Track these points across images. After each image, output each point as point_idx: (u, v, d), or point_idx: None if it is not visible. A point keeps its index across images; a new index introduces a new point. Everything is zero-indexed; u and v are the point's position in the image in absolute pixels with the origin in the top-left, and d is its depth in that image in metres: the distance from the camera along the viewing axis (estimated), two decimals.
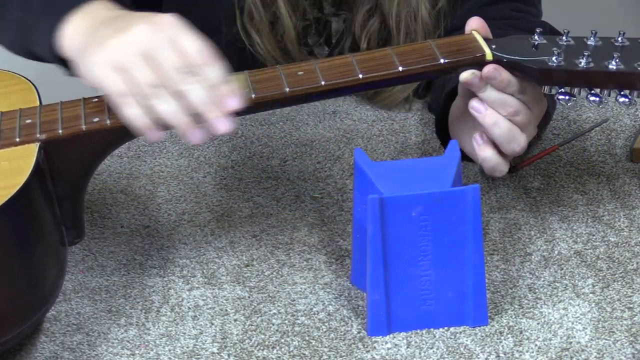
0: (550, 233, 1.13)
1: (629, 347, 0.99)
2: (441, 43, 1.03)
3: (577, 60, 1.01)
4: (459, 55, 1.02)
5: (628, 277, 1.07)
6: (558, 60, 1.01)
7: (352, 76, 1.01)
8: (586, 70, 1.00)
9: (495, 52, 1.02)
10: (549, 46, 1.03)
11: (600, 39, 1.03)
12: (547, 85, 1.03)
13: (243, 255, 1.12)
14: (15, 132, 0.99)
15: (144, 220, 1.17)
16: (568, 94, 1.02)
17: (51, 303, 0.99)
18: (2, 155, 0.98)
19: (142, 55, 0.95)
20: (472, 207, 0.98)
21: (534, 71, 1.01)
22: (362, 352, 1.00)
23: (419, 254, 0.99)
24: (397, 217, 0.98)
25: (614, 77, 1.01)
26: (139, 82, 0.95)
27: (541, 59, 1.01)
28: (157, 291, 1.07)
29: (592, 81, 1.01)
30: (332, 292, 1.07)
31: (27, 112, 1.02)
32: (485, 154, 1.05)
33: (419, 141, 1.28)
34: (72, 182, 1.01)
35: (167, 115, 0.95)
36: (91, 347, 1.01)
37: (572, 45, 1.03)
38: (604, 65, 1.00)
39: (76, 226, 1.02)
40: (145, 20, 0.97)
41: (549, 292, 1.06)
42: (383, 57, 1.02)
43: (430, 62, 1.02)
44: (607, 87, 1.02)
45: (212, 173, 1.24)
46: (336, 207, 1.18)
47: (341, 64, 1.02)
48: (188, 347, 1.01)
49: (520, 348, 0.99)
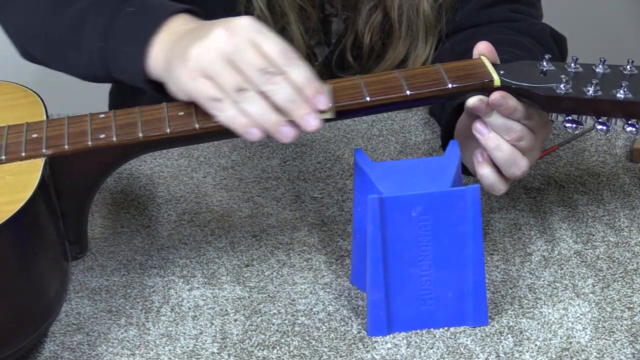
0: (550, 233, 1.13)
1: (629, 347, 0.99)
2: (449, 67, 1.02)
3: (585, 88, 1.00)
4: (467, 80, 1.01)
5: (628, 277, 1.07)
6: (566, 88, 1.00)
7: (360, 99, 1.00)
8: (594, 98, 0.99)
9: (503, 78, 1.01)
10: (557, 73, 1.02)
11: (608, 66, 1.02)
12: (555, 112, 1.02)
13: (243, 255, 1.12)
14: (21, 147, 0.99)
15: (144, 220, 1.17)
16: (575, 122, 1.02)
17: (53, 318, 0.98)
18: (8, 170, 0.97)
19: (224, 59, 0.96)
20: (472, 207, 0.98)
21: (542, 98, 1.00)
22: (362, 352, 1.00)
23: (419, 254, 0.99)
24: (397, 217, 0.98)
25: (621, 106, 1.00)
26: (225, 86, 0.96)
27: (549, 86, 1.00)
28: (157, 291, 1.07)
29: (600, 110, 1.00)
30: (332, 292, 1.07)
31: (33, 126, 1.01)
32: (484, 171, 1.04)
33: (419, 141, 1.28)
34: (77, 197, 1.00)
35: (256, 116, 0.96)
36: (91, 347, 1.01)
37: (580, 72, 1.02)
38: (612, 94, 0.99)
39: (79, 241, 1.02)
40: (222, 25, 0.98)
41: (549, 292, 1.06)
42: (391, 79, 1.02)
43: (438, 86, 1.01)
44: (615, 116, 1.01)
45: (212, 173, 1.24)
46: (336, 207, 1.18)
47: (350, 85, 1.01)
48: (188, 347, 1.01)
49: (520, 348, 0.99)
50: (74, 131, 1.00)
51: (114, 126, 1.00)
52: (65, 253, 1.00)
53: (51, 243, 0.97)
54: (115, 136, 0.99)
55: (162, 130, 0.99)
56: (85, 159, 0.99)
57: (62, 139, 0.99)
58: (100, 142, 0.99)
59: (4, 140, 1.00)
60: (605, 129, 1.01)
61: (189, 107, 1.00)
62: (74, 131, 1.00)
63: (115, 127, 1.00)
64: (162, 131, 0.99)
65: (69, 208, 1.00)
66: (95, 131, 1.00)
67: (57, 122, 1.02)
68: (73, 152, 0.98)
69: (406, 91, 1.00)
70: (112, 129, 0.99)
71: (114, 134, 0.99)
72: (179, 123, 0.99)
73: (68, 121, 1.01)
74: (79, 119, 1.02)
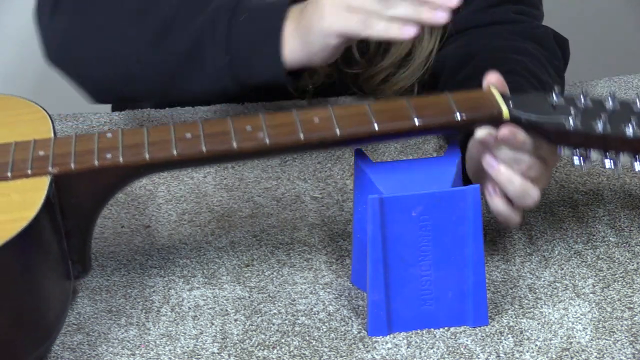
0: (551, 233, 1.13)
1: (629, 347, 0.99)
2: (459, 98, 1.01)
3: (595, 124, 0.99)
4: (476, 111, 1.00)
5: (628, 277, 1.07)
6: (575, 123, 0.99)
7: (368, 126, 0.99)
8: (603, 134, 0.99)
9: (513, 110, 1.00)
10: (567, 107, 1.01)
11: (619, 102, 1.01)
12: (563, 145, 1.01)
13: (243, 255, 1.12)
14: (27, 164, 0.98)
15: (144, 220, 1.17)
16: (583, 156, 1.01)
17: (54, 338, 0.98)
18: (14, 187, 0.97)
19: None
20: (473, 207, 0.98)
21: (551, 132, 1.00)
22: (362, 352, 1.00)
23: (419, 254, 0.99)
24: (397, 217, 0.98)
25: (631, 143, 0.99)
26: (366, 6, 1.06)
27: (558, 120, 1.00)
28: (158, 291, 1.07)
29: (609, 145, 1.00)
30: (333, 292, 1.07)
31: (40, 143, 1.01)
32: (496, 204, 1.04)
33: (419, 141, 1.28)
34: (81, 216, 1.00)
35: (406, 16, 1.05)
36: (91, 347, 1.01)
37: (590, 107, 1.01)
38: (622, 130, 0.99)
39: (82, 260, 1.01)
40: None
41: (549, 292, 1.06)
42: (399, 108, 1.01)
43: (446, 117, 1.00)
44: (624, 152, 1.00)
45: (212, 173, 1.24)
46: (336, 207, 1.18)
47: (357, 112, 1.01)
48: (188, 347, 1.01)
49: (520, 348, 1.00)
50: (80, 150, 0.99)
51: (121, 146, 0.99)
52: (68, 272, 0.99)
53: (54, 262, 0.97)
54: (121, 156, 0.98)
55: (169, 152, 0.98)
56: (91, 179, 0.98)
57: (69, 157, 0.98)
58: (107, 162, 0.98)
59: (10, 157, 0.99)
60: (614, 165, 1.01)
61: (196, 129, 1.00)
62: (81, 150, 0.99)
63: (122, 147, 0.99)
64: (169, 153, 0.98)
65: (74, 227, 0.99)
66: (101, 150, 0.99)
67: (64, 140, 1.01)
68: (79, 171, 0.98)
69: (414, 121, 0.99)
70: (118, 149, 0.99)
71: (120, 154, 0.98)
72: (186, 145, 0.98)
73: (75, 139, 1.01)
74: (86, 137, 1.01)
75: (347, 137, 0.99)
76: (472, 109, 1.01)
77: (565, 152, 1.01)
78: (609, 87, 1.38)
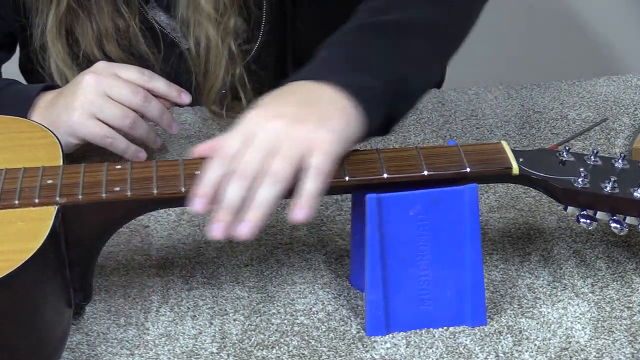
0: (550, 233, 1.13)
1: (628, 347, 0.99)
2: (469, 150, 1.01)
3: (603, 184, 0.99)
4: (486, 165, 1.00)
5: (627, 277, 1.07)
6: (584, 182, 0.99)
7: (377, 174, 0.99)
8: (611, 195, 0.99)
9: (522, 167, 1.00)
10: (576, 165, 1.01)
11: (628, 162, 1.02)
12: (570, 205, 1.01)
13: (242, 255, 1.12)
14: (35, 192, 0.98)
15: (143, 220, 1.17)
16: (589, 217, 1.01)
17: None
18: (20, 215, 0.96)
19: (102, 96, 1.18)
20: (470, 206, 0.98)
21: (559, 190, 1.00)
22: (361, 352, 1.00)
23: (417, 254, 0.99)
24: (395, 216, 0.98)
25: (638, 206, 0.99)
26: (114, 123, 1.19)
27: (567, 179, 1.00)
28: (157, 291, 1.07)
29: (616, 207, 1.00)
30: (332, 292, 1.07)
31: (49, 171, 1.00)
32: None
33: (418, 141, 1.28)
34: (86, 247, 0.99)
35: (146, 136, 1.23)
36: (90, 347, 1.01)
37: (599, 166, 1.01)
38: (629, 192, 0.99)
39: (84, 289, 1.01)
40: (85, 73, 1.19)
41: (548, 291, 1.06)
42: (409, 157, 1.00)
43: (456, 168, 1.00)
44: (631, 215, 1.00)
45: None
46: (335, 207, 1.18)
47: (368, 159, 1.00)
48: (187, 347, 1.01)
49: (519, 348, 0.99)
50: (89, 181, 0.99)
51: (129, 179, 0.99)
52: (70, 301, 0.99)
53: (57, 291, 0.96)
54: (129, 190, 0.98)
55: (177, 189, 0.98)
56: (97, 211, 0.98)
57: (77, 188, 0.98)
58: (115, 195, 0.98)
59: (18, 183, 0.99)
60: (620, 228, 1.00)
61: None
62: (89, 181, 0.99)
63: (131, 180, 0.99)
64: (177, 189, 0.98)
65: (77, 257, 0.99)
66: (110, 183, 0.99)
67: (72, 169, 1.01)
68: (86, 202, 0.97)
69: (424, 171, 0.99)
70: (127, 182, 0.99)
71: (128, 188, 0.98)
72: (194, 182, 0.97)
73: (84, 169, 1.00)
74: (95, 167, 1.01)
75: (355, 183, 0.99)
76: (482, 162, 1.00)
77: (571, 210, 1.02)
78: (608, 86, 1.38)
